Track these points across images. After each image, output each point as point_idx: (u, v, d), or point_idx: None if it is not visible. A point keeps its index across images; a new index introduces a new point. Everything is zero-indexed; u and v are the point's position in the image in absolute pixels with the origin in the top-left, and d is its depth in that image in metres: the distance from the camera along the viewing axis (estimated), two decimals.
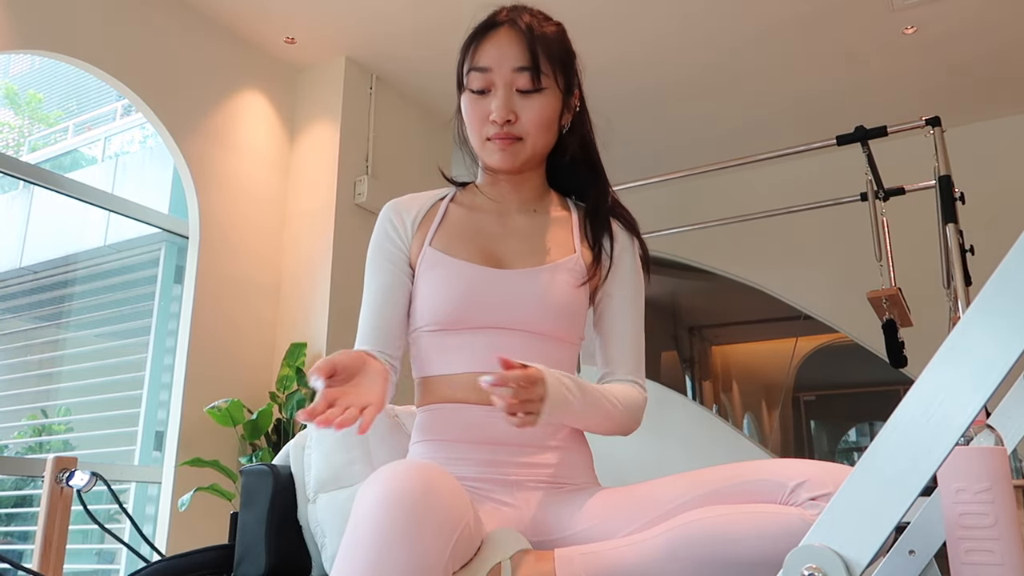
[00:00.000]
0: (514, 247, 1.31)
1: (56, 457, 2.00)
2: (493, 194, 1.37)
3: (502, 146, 1.27)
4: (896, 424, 0.68)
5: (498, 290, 1.25)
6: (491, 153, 1.28)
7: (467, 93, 1.29)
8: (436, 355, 1.26)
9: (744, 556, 0.96)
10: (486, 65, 1.26)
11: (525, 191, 1.36)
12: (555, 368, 1.21)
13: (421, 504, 0.88)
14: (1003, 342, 0.65)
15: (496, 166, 1.30)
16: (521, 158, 1.28)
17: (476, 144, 1.31)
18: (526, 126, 1.26)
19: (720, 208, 4.76)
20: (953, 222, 2.82)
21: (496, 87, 1.26)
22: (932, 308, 3.46)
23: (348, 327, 4.02)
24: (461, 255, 1.28)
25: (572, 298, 1.27)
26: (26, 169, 3.54)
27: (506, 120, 1.25)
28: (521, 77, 1.25)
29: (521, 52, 1.25)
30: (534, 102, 1.26)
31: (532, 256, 1.30)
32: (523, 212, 1.36)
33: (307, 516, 1.44)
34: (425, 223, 1.34)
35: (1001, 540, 0.71)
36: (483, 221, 1.34)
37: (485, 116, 1.27)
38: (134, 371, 3.88)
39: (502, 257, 1.30)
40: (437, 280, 1.26)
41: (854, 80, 4.60)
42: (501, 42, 1.27)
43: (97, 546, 3.85)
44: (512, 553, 1.03)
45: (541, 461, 1.20)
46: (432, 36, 4.11)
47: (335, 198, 4.18)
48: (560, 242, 1.33)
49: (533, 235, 1.33)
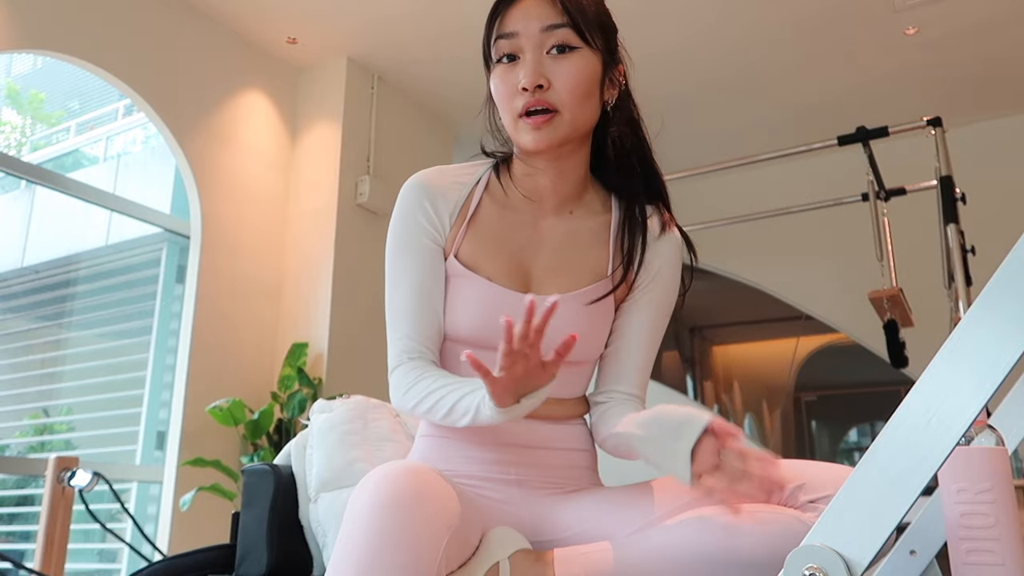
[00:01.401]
0: (545, 263, 1.20)
1: (58, 457, 2.01)
2: (529, 189, 1.21)
3: (536, 123, 1.11)
4: (897, 424, 0.68)
5: (519, 316, 1.17)
6: (523, 133, 1.13)
7: (495, 67, 1.16)
8: (451, 360, 1.21)
9: (743, 557, 0.96)
10: (513, 30, 1.13)
11: (565, 184, 1.20)
12: (571, 388, 1.21)
13: (412, 507, 0.88)
14: (1004, 342, 0.65)
15: (532, 147, 1.13)
16: (558, 136, 1.12)
17: (509, 126, 1.15)
18: (561, 93, 1.11)
19: (722, 208, 4.76)
20: (954, 222, 2.83)
21: (525, 52, 1.12)
22: (933, 308, 3.47)
23: (350, 327, 4.03)
24: (487, 270, 1.17)
25: (599, 328, 1.20)
26: (28, 169, 3.54)
27: (536, 85, 1.10)
28: (553, 36, 1.11)
29: (550, 9, 1.12)
30: (568, 63, 1.11)
31: (562, 276, 1.19)
32: (559, 215, 1.22)
33: (308, 516, 1.44)
34: (461, 216, 1.20)
35: (1002, 540, 0.71)
36: (515, 225, 1.21)
37: (514, 87, 1.12)
38: (136, 371, 3.89)
39: (530, 274, 1.19)
40: (460, 297, 1.17)
41: (855, 80, 4.59)
42: (528, 5, 1.13)
43: (99, 545, 3.85)
44: (511, 553, 1.03)
45: (546, 462, 1.19)
46: (434, 36, 4.11)
47: (337, 198, 4.19)
48: (594, 259, 1.21)
49: (566, 247, 1.21)
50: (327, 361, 3.94)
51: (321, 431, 1.48)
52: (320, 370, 3.93)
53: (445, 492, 0.94)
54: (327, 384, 3.91)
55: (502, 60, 1.14)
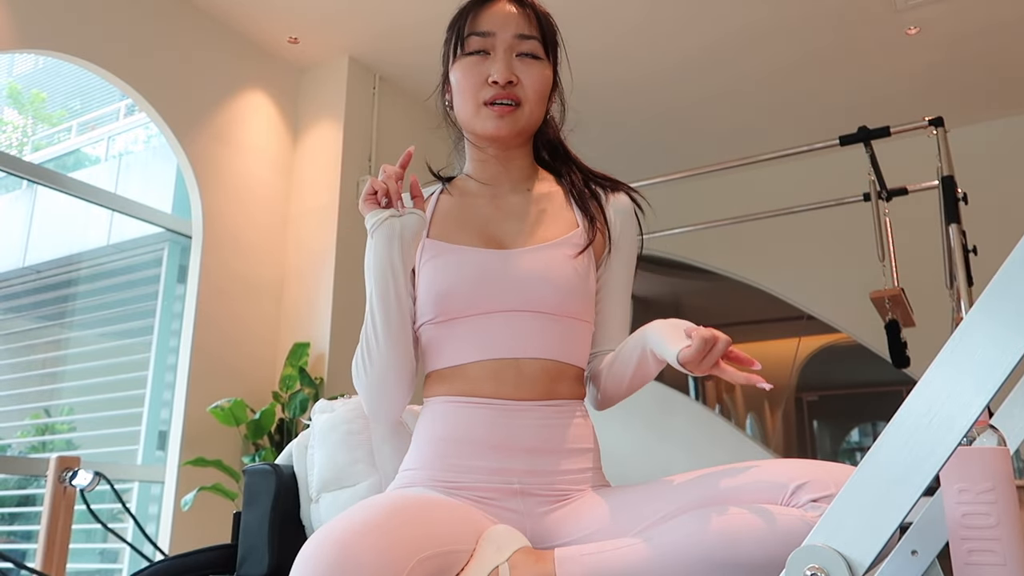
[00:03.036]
0: (513, 228, 1.27)
1: (59, 456, 2.01)
2: (483, 176, 1.33)
3: (500, 112, 1.23)
4: (899, 424, 0.68)
5: (504, 271, 1.21)
6: (486, 119, 1.24)
7: (462, 59, 1.26)
8: (447, 345, 1.22)
9: (744, 557, 0.96)
10: (487, 29, 1.25)
11: (515, 169, 1.33)
12: (570, 348, 1.23)
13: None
14: (1006, 342, 0.65)
15: (491, 133, 1.25)
16: (518, 126, 1.25)
17: (468, 112, 1.26)
18: (527, 91, 1.24)
19: (723, 208, 4.76)
20: (956, 222, 2.82)
21: (496, 50, 1.24)
22: (935, 308, 3.46)
23: (351, 326, 4.03)
24: (461, 241, 1.25)
25: (580, 273, 1.24)
26: (29, 168, 3.55)
27: (508, 81, 1.22)
28: (523, 44, 1.24)
29: (525, 21, 1.25)
30: (535, 69, 1.25)
31: (533, 235, 1.26)
32: (516, 192, 1.32)
33: (310, 516, 1.44)
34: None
35: (1003, 540, 0.71)
36: (477, 205, 1.30)
37: (483, 79, 1.23)
38: (137, 370, 3.89)
39: (503, 238, 1.26)
40: (442, 267, 1.22)
41: (857, 80, 4.59)
42: (503, 10, 1.26)
43: (100, 545, 3.85)
44: (510, 554, 1.03)
45: (550, 468, 1.17)
46: (435, 36, 4.08)
47: (338, 197, 4.19)
48: (560, 218, 1.29)
49: (530, 213, 1.29)
50: (329, 361, 3.94)
51: (322, 431, 1.48)
52: (322, 370, 3.94)
53: (382, 548, 0.92)
54: (329, 384, 3.91)
55: (472, 53, 1.25)
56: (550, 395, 1.19)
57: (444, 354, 1.23)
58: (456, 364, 1.21)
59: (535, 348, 1.20)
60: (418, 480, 1.18)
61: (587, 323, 1.27)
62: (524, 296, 1.20)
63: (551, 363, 1.20)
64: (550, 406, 1.19)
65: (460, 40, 1.27)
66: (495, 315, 1.20)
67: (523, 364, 1.19)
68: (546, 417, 1.19)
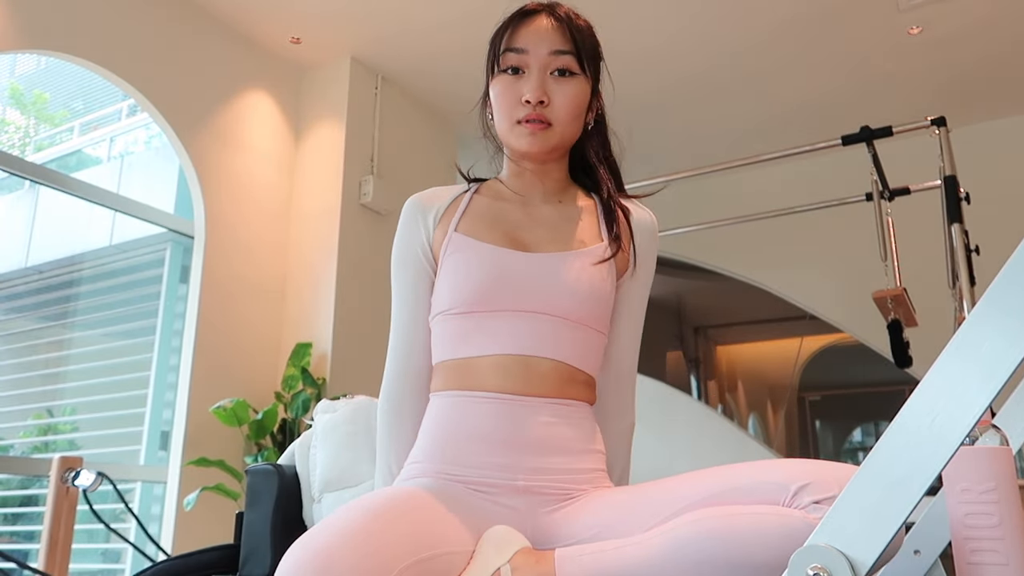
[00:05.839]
0: (540, 234, 1.29)
1: (62, 457, 2.01)
2: (517, 186, 1.35)
3: (532, 130, 1.25)
4: (901, 424, 0.68)
5: (526, 272, 1.22)
6: (520, 136, 1.27)
7: (499, 76, 1.28)
8: (460, 338, 1.23)
9: (745, 558, 0.95)
10: (523, 46, 1.26)
11: (549, 182, 1.35)
12: (583, 354, 1.23)
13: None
14: (1008, 342, 0.65)
15: (524, 149, 1.28)
16: (550, 144, 1.27)
17: (505, 128, 1.29)
18: (558, 111, 1.26)
19: (725, 208, 4.76)
20: (958, 222, 2.82)
21: (531, 68, 1.26)
22: (937, 308, 3.46)
23: (354, 327, 4.03)
24: (487, 239, 1.26)
25: (601, 284, 1.25)
26: (31, 169, 3.55)
27: (539, 101, 1.24)
28: (557, 60, 1.26)
29: (560, 36, 1.26)
30: (568, 87, 1.26)
31: (559, 243, 1.28)
32: (548, 203, 1.34)
33: (312, 516, 1.45)
34: (449, 213, 1.31)
35: (1006, 540, 0.71)
36: (508, 210, 1.32)
37: (517, 98, 1.26)
38: (139, 371, 3.89)
39: (529, 243, 1.28)
40: (464, 261, 1.24)
41: (859, 80, 4.59)
42: (539, 27, 1.27)
43: (103, 546, 3.85)
44: (511, 555, 1.02)
45: (556, 467, 1.17)
46: (438, 37, 4.11)
47: (340, 198, 4.19)
48: (587, 230, 1.31)
49: (559, 224, 1.31)
50: (331, 361, 3.94)
51: (325, 431, 1.48)
52: (324, 370, 3.94)
53: (365, 553, 0.92)
54: (331, 384, 3.91)
55: (507, 71, 1.27)
56: (560, 394, 1.20)
57: (455, 346, 1.23)
58: (465, 356, 1.22)
59: (547, 349, 1.20)
60: (423, 472, 1.18)
61: (601, 334, 1.27)
62: (542, 298, 1.21)
63: (563, 365, 1.21)
64: (559, 404, 1.20)
65: (497, 56, 1.29)
66: (511, 314, 1.21)
67: (534, 362, 1.19)
68: (555, 415, 1.19)
